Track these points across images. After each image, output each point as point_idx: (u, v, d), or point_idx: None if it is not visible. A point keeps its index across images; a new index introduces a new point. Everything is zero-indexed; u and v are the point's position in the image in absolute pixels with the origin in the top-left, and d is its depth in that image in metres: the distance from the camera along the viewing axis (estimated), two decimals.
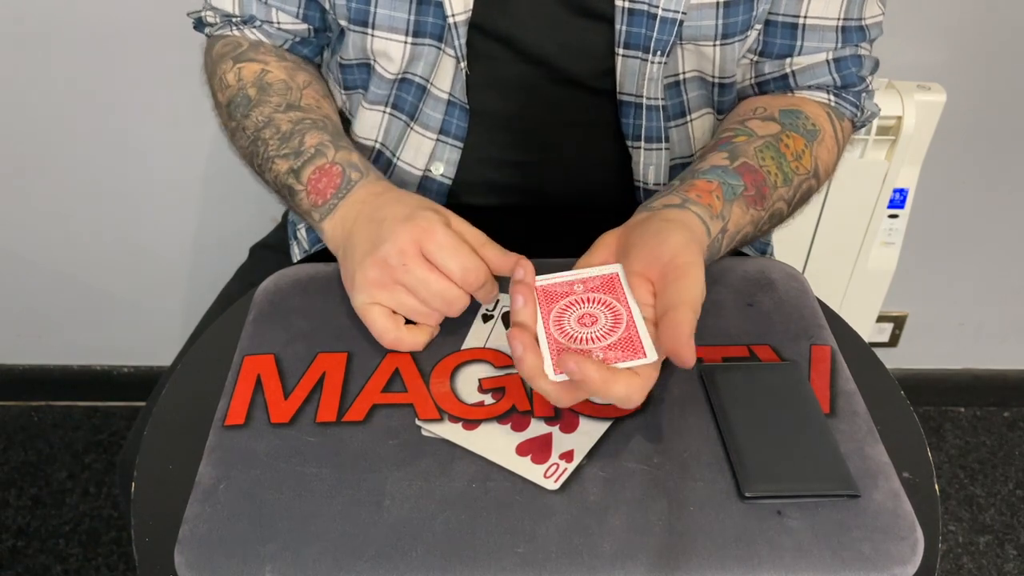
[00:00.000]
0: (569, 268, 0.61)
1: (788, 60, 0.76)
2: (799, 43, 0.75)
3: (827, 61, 0.76)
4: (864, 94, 0.79)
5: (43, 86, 1.23)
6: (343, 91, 0.83)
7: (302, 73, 0.79)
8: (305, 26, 0.80)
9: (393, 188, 0.68)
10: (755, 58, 0.77)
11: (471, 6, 0.72)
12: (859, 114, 0.79)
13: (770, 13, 0.74)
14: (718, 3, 0.71)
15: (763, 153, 0.70)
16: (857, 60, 0.76)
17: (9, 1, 1.15)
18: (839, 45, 0.75)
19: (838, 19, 0.74)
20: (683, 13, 0.70)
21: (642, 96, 0.76)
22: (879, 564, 0.50)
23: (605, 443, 0.56)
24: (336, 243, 0.67)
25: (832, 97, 0.77)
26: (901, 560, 0.50)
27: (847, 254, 1.26)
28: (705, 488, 0.53)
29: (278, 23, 0.79)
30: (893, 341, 1.56)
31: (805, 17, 0.74)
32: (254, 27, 0.79)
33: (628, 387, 0.52)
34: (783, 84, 0.78)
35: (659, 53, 0.72)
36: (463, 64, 0.74)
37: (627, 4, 0.71)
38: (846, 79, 0.76)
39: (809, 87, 0.77)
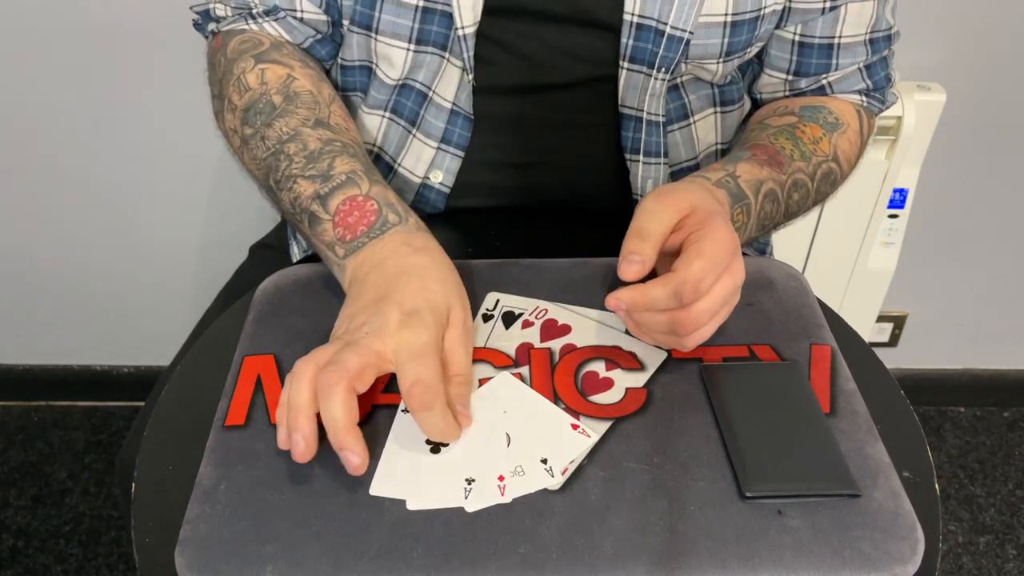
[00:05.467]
0: (572, 267, 0.61)
1: (824, 75, 0.79)
2: (835, 61, 0.77)
3: (859, 69, 0.78)
4: (887, 89, 0.82)
5: (43, 85, 1.23)
6: (340, 92, 0.82)
7: (327, 87, 0.74)
8: (326, 18, 0.76)
9: (426, 248, 0.60)
10: (789, 77, 0.79)
11: (480, 17, 0.72)
12: (883, 107, 0.82)
13: (805, 35, 0.76)
14: (725, 23, 0.71)
15: (776, 137, 0.72)
16: (884, 63, 0.80)
17: (10, 0, 1.16)
18: (869, 56, 0.78)
19: (866, 33, 0.76)
20: (690, 32, 0.70)
21: (643, 111, 0.76)
22: (880, 563, 0.50)
23: (605, 443, 0.56)
24: (349, 281, 0.61)
25: (864, 98, 0.80)
26: (902, 559, 0.50)
27: (847, 254, 1.26)
28: (706, 488, 0.53)
29: (302, 12, 0.75)
30: (893, 341, 1.56)
31: (840, 37, 0.76)
32: (276, 20, 0.75)
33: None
34: (819, 92, 0.80)
35: (663, 70, 0.73)
36: (470, 76, 0.74)
37: (636, 19, 0.71)
38: (877, 83, 0.80)
39: (844, 92, 0.80)
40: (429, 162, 0.80)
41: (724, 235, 0.57)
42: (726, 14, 0.71)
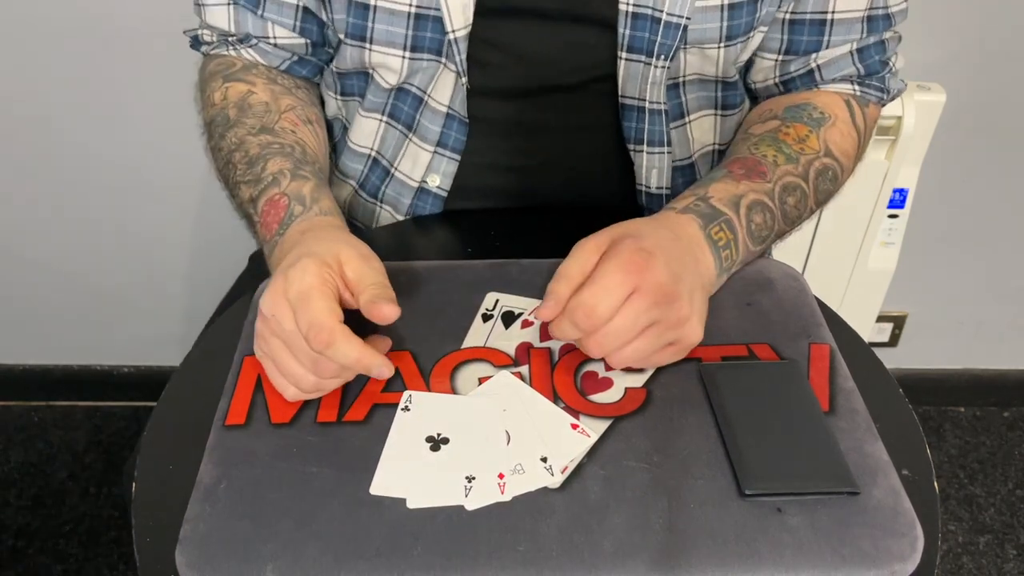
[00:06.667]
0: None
1: (814, 55, 0.77)
2: (827, 38, 0.76)
3: (851, 52, 0.76)
4: (888, 76, 0.79)
5: (45, 87, 1.23)
6: (339, 97, 0.82)
7: (288, 98, 0.77)
8: (303, 41, 0.78)
9: (322, 227, 0.63)
10: (780, 58, 0.78)
11: (471, 20, 0.72)
12: (885, 96, 0.80)
13: (796, 12, 0.75)
14: (722, 5, 0.71)
15: (757, 146, 0.71)
16: (880, 47, 0.77)
17: (12, 0, 1.16)
18: (864, 35, 0.76)
19: (865, 10, 0.74)
20: (687, 18, 0.70)
21: (645, 100, 0.76)
22: (879, 561, 0.50)
23: (605, 442, 0.56)
24: None
25: (856, 87, 0.78)
26: (901, 557, 0.50)
27: (847, 254, 1.26)
28: (705, 486, 0.53)
29: (275, 38, 0.77)
30: (893, 341, 1.56)
31: (833, 12, 0.74)
32: (250, 47, 0.77)
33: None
34: (809, 80, 0.78)
35: (663, 57, 0.72)
36: (464, 80, 0.74)
37: (631, 8, 0.71)
38: (869, 68, 0.77)
39: (834, 79, 0.78)
40: (426, 166, 0.80)
41: (625, 257, 0.56)
42: None
